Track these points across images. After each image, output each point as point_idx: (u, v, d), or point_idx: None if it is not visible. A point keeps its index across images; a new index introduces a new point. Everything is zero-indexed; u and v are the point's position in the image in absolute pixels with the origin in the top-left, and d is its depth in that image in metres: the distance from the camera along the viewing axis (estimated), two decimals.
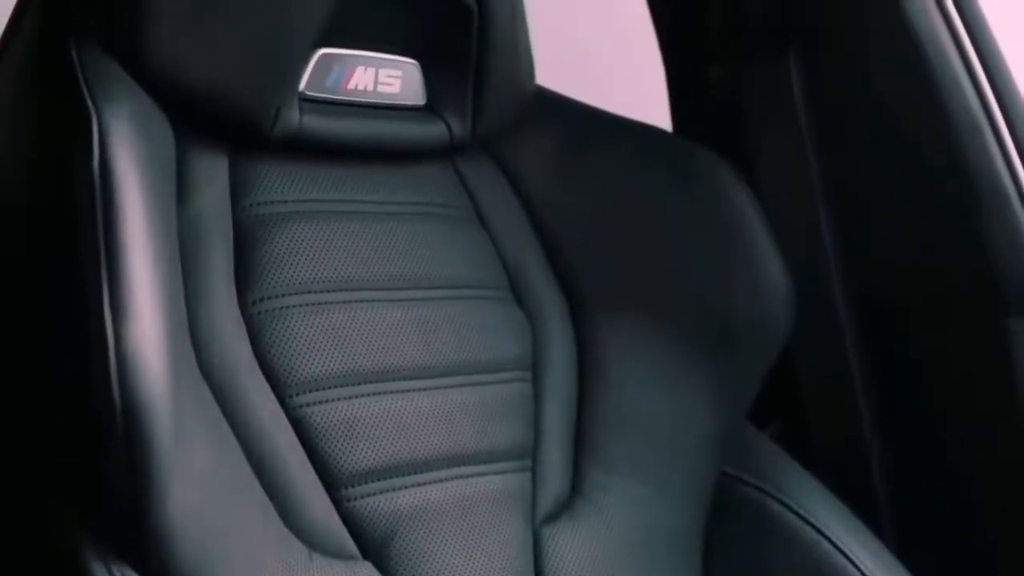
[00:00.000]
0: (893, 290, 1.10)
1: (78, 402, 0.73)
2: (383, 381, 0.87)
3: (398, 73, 0.93)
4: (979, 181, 1.01)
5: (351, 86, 0.90)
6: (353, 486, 0.84)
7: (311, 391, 0.84)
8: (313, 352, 0.84)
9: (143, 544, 0.72)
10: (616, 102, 1.06)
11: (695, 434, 0.99)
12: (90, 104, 0.75)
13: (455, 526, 0.88)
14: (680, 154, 1.03)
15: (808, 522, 0.98)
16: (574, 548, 0.93)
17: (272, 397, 0.83)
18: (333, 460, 0.83)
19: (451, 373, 0.90)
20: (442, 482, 0.88)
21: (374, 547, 0.85)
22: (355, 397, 0.85)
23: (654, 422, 0.98)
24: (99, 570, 0.72)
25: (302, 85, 0.88)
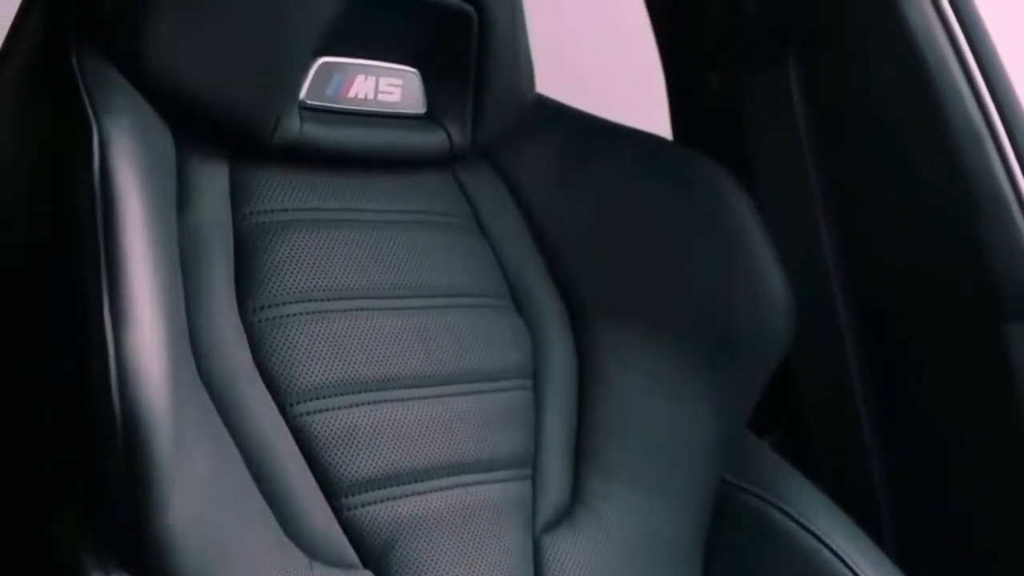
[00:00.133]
0: (893, 297, 1.10)
1: (78, 411, 0.73)
2: (383, 389, 0.87)
3: (398, 81, 0.93)
4: (978, 187, 1.01)
5: (351, 95, 0.90)
6: (353, 495, 0.84)
7: (311, 399, 0.83)
8: (313, 360, 0.84)
9: (143, 553, 0.72)
10: (616, 109, 1.06)
11: (695, 442, 0.99)
12: (90, 112, 0.75)
13: (455, 535, 0.88)
14: (680, 162, 1.03)
15: (809, 530, 0.98)
16: (574, 556, 0.93)
17: (272, 405, 0.82)
18: (333, 469, 0.83)
19: (451, 381, 0.90)
20: (442, 491, 0.88)
21: (374, 556, 0.84)
22: (355, 406, 0.85)
23: (654, 430, 0.98)
24: None
25: (302, 94, 0.88)
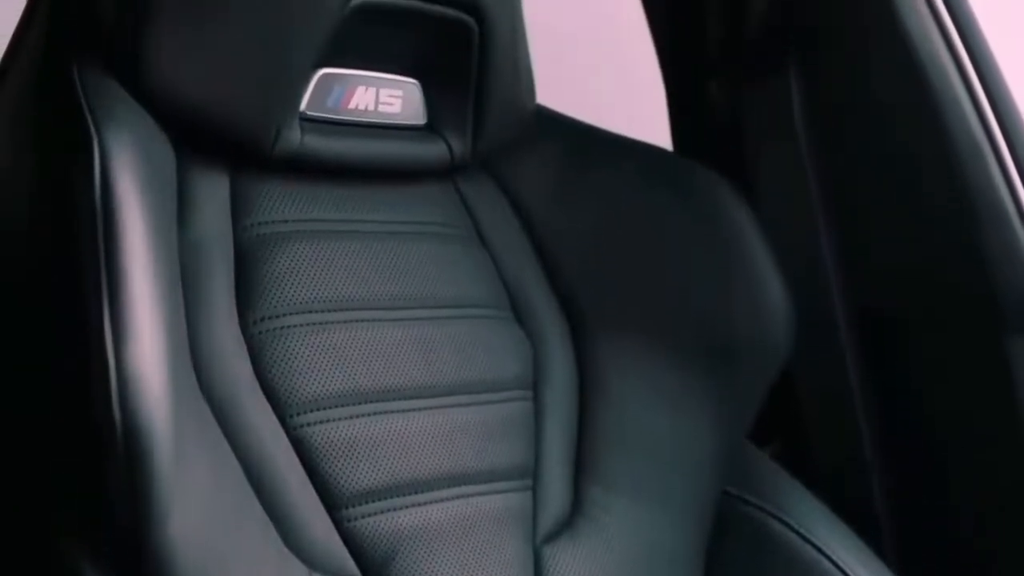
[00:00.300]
0: (893, 307, 1.10)
1: (79, 422, 0.73)
2: (384, 401, 0.87)
3: (399, 93, 0.93)
4: (978, 198, 1.01)
5: (352, 106, 0.90)
6: (354, 506, 0.84)
7: (312, 411, 0.83)
8: (314, 372, 0.84)
9: (143, 564, 0.72)
10: (616, 120, 1.06)
11: (696, 452, 0.99)
12: (91, 124, 0.75)
13: (456, 546, 0.88)
14: (680, 172, 1.03)
15: (809, 541, 0.98)
16: (575, 567, 0.92)
17: (273, 417, 0.82)
18: (334, 480, 0.83)
19: (452, 392, 0.90)
20: (443, 502, 0.88)
21: (375, 567, 0.84)
22: (356, 417, 0.85)
23: (655, 440, 0.98)
24: None
25: (303, 105, 0.88)
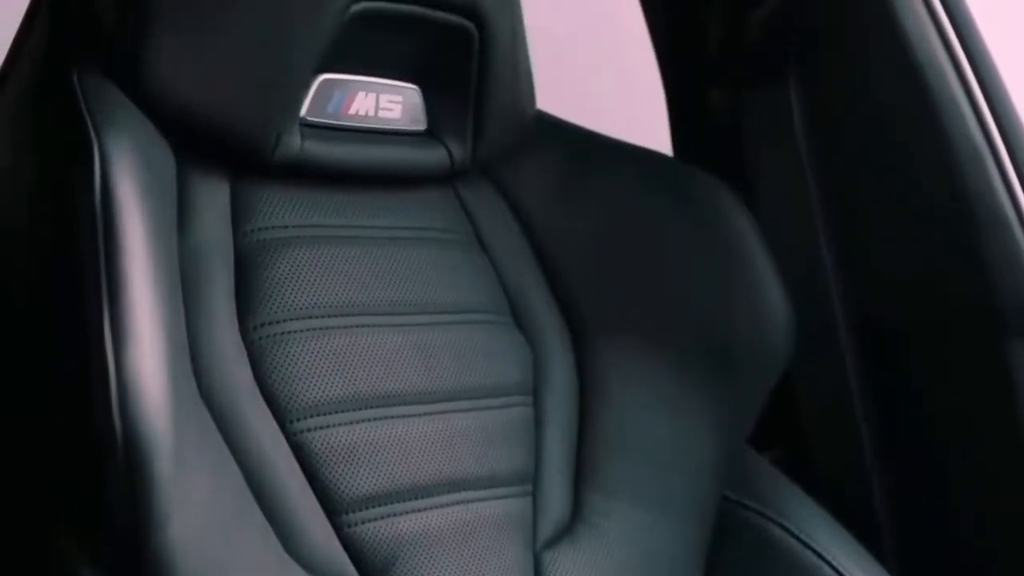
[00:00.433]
0: (893, 313, 1.10)
1: (78, 427, 0.73)
2: (384, 406, 0.87)
3: (399, 98, 0.93)
4: (978, 204, 1.01)
5: (352, 111, 0.91)
6: (354, 512, 0.84)
7: (312, 416, 0.83)
8: (314, 377, 0.84)
9: (142, 570, 0.72)
10: (616, 125, 1.06)
11: (696, 458, 0.99)
12: (91, 129, 0.75)
13: (456, 551, 0.87)
14: (680, 178, 1.03)
15: (809, 547, 0.98)
16: (575, 573, 0.92)
17: (273, 422, 0.82)
18: (334, 486, 0.83)
19: (452, 398, 0.90)
20: (443, 507, 0.88)
21: (375, 573, 0.84)
22: (356, 422, 0.85)
23: (655, 446, 0.98)
24: None
25: (303, 111, 0.88)
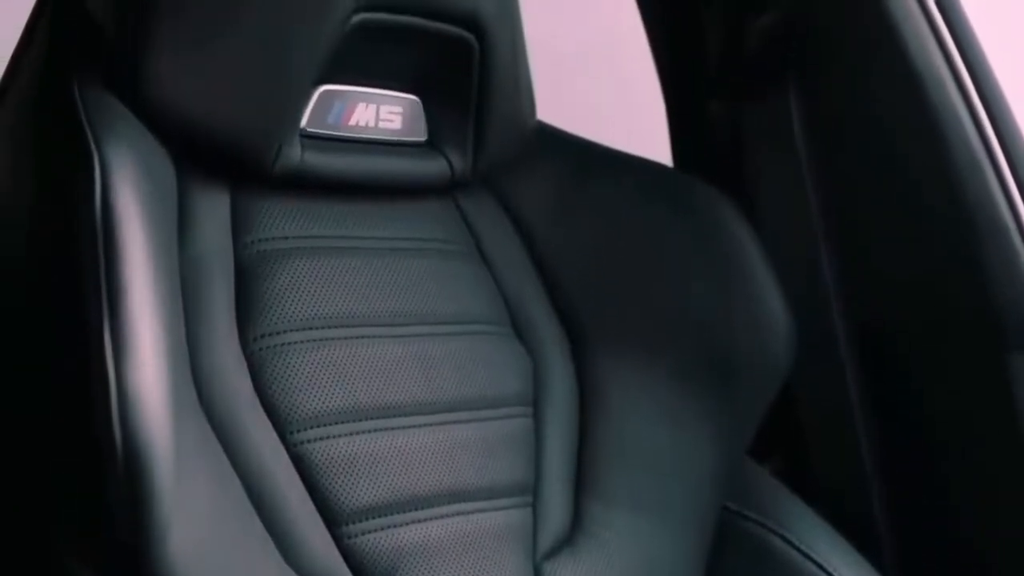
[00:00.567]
0: (893, 323, 1.10)
1: (79, 438, 0.73)
2: (384, 417, 0.86)
3: (399, 109, 0.93)
4: (978, 215, 1.01)
5: (352, 122, 0.91)
6: (354, 523, 0.84)
7: (312, 427, 0.83)
8: (314, 388, 0.84)
9: None
10: (616, 136, 1.06)
11: (696, 468, 0.99)
12: (92, 141, 0.75)
13: (456, 562, 0.87)
14: (680, 189, 1.03)
15: (809, 557, 0.98)
16: None
17: (273, 434, 0.82)
18: (334, 497, 0.83)
19: (452, 409, 0.90)
20: (443, 518, 0.88)
21: None
22: (356, 433, 0.85)
23: (655, 456, 0.98)
24: None
25: (303, 122, 0.88)
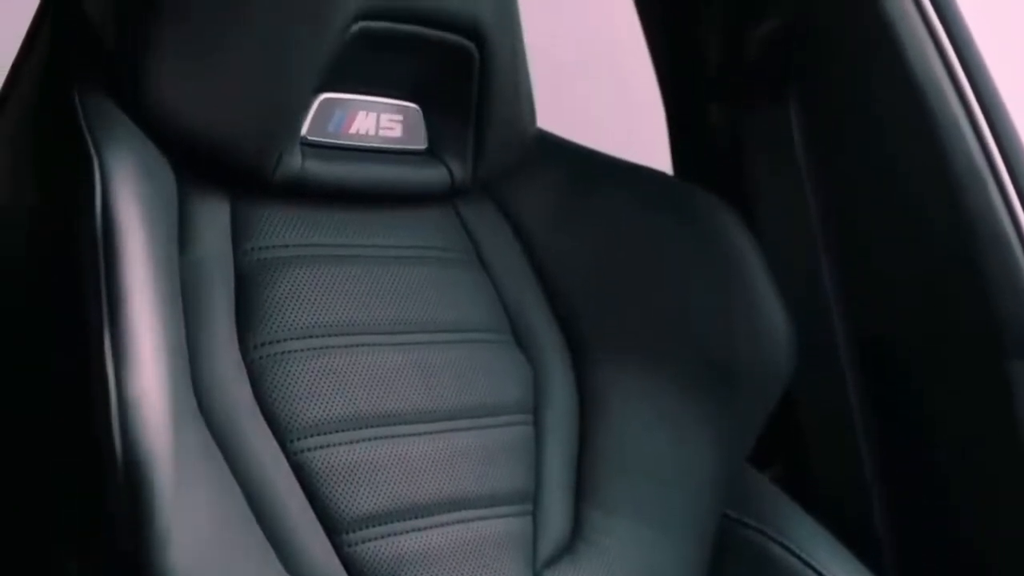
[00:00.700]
0: (894, 332, 1.10)
1: (79, 446, 0.73)
2: (384, 425, 0.86)
3: (399, 117, 0.93)
4: (979, 224, 1.01)
5: (353, 131, 0.91)
6: (354, 531, 0.84)
7: (312, 436, 0.83)
8: (314, 397, 0.84)
9: None
10: (616, 144, 1.06)
11: (696, 475, 0.99)
12: (92, 148, 0.75)
13: (457, 570, 0.87)
14: (680, 197, 1.03)
15: (810, 565, 0.98)
16: None
17: (273, 441, 0.82)
18: (334, 505, 0.83)
19: (452, 417, 0.90)
20: (443, 526, 0.88)
21: None
22: (356, 442, 0.85)
23: (655, 464, 0.98)
24: None
25: (304, 130, 0.88)
